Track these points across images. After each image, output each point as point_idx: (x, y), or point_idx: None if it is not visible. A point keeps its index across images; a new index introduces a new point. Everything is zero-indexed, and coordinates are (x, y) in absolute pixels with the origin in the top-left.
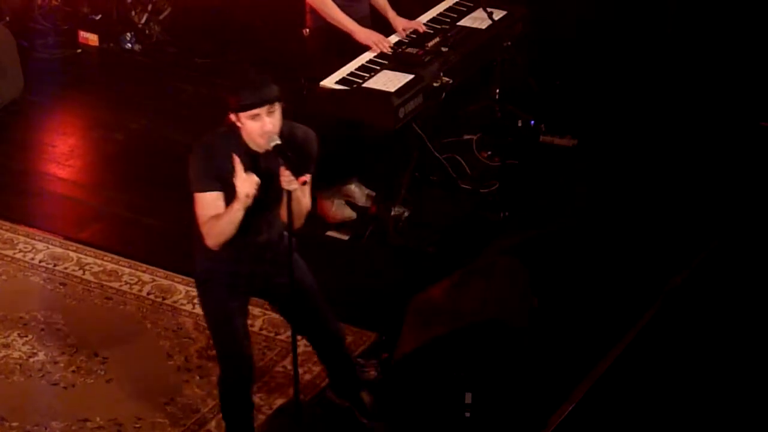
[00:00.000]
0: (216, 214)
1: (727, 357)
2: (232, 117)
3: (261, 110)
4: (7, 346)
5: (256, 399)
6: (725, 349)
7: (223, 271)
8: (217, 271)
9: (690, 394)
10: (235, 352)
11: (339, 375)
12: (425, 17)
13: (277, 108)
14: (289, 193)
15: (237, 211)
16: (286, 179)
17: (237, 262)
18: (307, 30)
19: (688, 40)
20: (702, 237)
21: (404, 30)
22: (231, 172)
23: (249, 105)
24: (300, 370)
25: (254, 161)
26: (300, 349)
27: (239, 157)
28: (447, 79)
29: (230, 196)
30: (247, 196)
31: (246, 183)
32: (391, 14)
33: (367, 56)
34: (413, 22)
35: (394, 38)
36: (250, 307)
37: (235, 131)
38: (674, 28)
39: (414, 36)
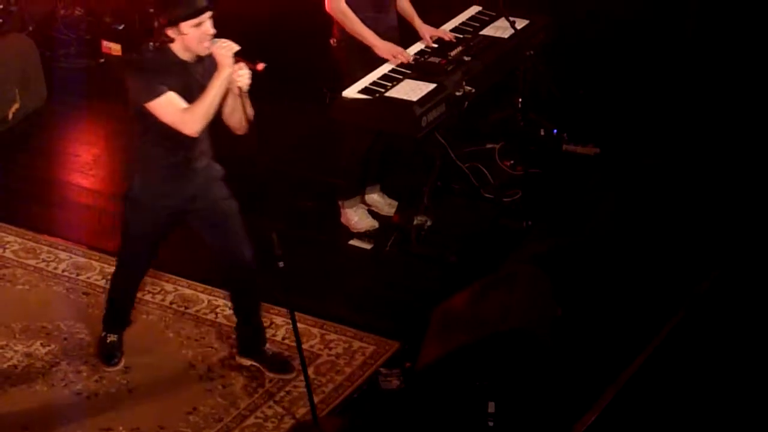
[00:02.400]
0: (193, 103)
1: (753, 366)
2: (171, 33)
3: (204, 16)
4: (29, 355)
5: (279, 409)
6: (750, 357)
7: (159, 191)
8: (154, 190)
9: (715, 403)
10: (141, 262)
11: (247, 322)
12: (448, 26)
13: (210, 14)
14: (239, 95)
15: (223, 80)
16: (245, 76)
17: (174, 181)
18: (335, 40)
19: (710, 48)
20: (726, 245)
21: (431, 38)
22: (169, 83)
23: (194, 12)
24: (323, 379)
25: (188, 73)
26: (322, 359)
27: (170, 70)
28: (470, 88)
29: None
30: (231, 60)
31: (226, 47)
32: (418, 22)
33: (389, 66)
34: (439, 30)
35: (416, 47)
36: (273, 317)
37: (163, 48)
38: (696, 35)
39: (436, 45)
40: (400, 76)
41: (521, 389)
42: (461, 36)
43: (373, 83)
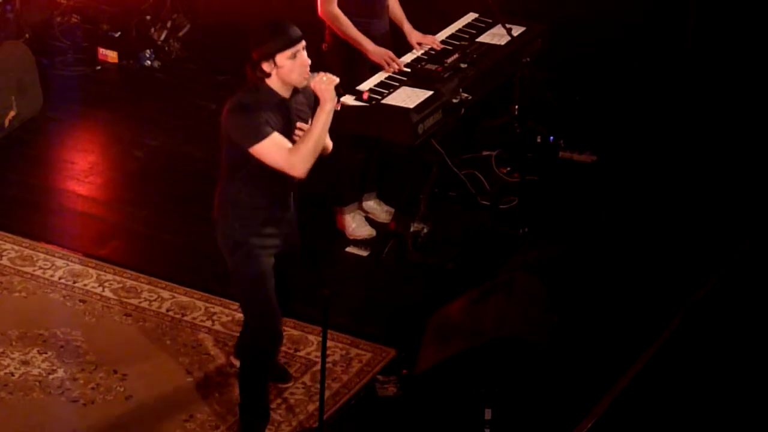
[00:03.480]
0: (296, 144)
1: (749, 373)
2: (266, 67)
3: (299, 46)
4: (26, 363)
5: (276, 416)
6: (746, 364)
7: (264, 232)
8: (256, 231)
9: (711, 409)
10: (272, 312)
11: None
12: (444, 33)
13: (305, 44)
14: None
15: (328, 115)
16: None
17: (274, 222)
18: (326, 45)
19: (708, 55)
20: (722, 252)
21: (419, 44)
22: (273, 122)
23: (290, 43)
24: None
25: (286, 109)
26: (319, 366)
27: (271, 108)
28: (466, 95)
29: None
30: (334, 95)
31: (327, 81)
32: (407, 27)
33: (385, 73)
34: (428, 37)
35: (410, 56)
36: None
37: (261, 85)
38: (694, 43)
39: (433, 52)
40: (397, 84)
41: (518, 396)
42: (458, 43)
43: (370, 90)
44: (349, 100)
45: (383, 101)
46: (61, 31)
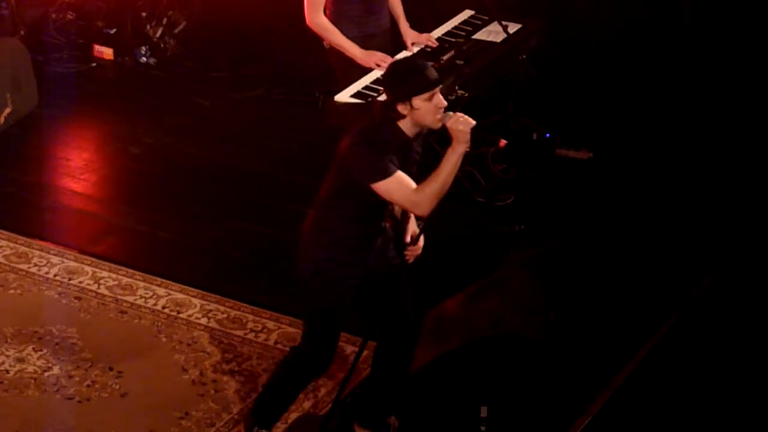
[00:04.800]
0: (423, 183)
1: (744, 370)
2: (401, 108)
3: (436, 89)
4: (21, 360)
5: None
6: (742, 362)
7: (347, 260)
8: (340, 260)
9: (707, 407)
10: (330, 346)
11: (380, 387)
12: (440, 31)
13: (441, 87)
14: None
15: (459, 157)
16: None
17: (365, 252)
18: (328, 44)
19: (704, 51)
20: (719, 249)
21: (413, 44)
22: (396, 161)
23: (428, 85)
24: (316, 383)
25: (407, 151)
26: None
27: (395, 146)
28: (462, 92)
29: None
30: (469, 137)
31: (464, 122)
32: (404, 26)
33: (381, 70)
34: (423, 35)
35: (405, 53)
36: (265, 321)
37: (388, 123)
38: (690, 39)
39: (428, 49)
40: None
41: (513, 393)
42: (453, 40)
43: (366, 87)
44: (344, 97)
45: (379, 98)
46: (56, 27)
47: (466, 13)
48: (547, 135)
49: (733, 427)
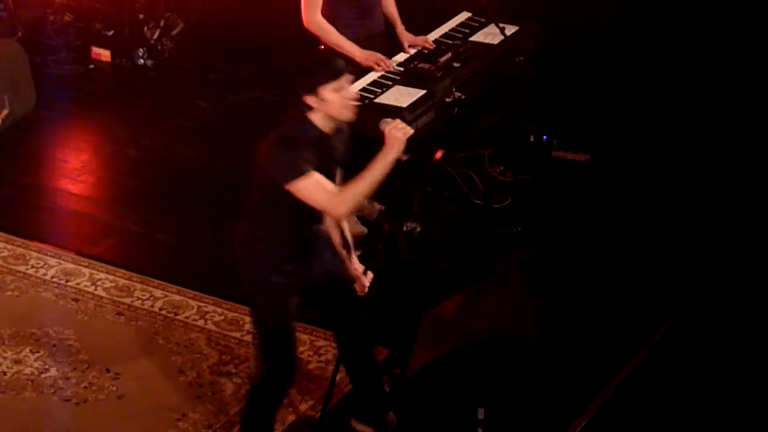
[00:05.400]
0: (347, 185)
1: (741, 372)
2: (310, 101)
3: (344, 79)
4: (18, 362)
5: None
6: (739, 364)
7: (290, 269)
8: (281, 269)
9: (704, 410)
10: (287, 355)
11: (364, 388)
12: (437, 33)
13: (352, 78)
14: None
15: (389, 163)
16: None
17: (304, 257)
18: (323, 46)
19: (701, 54)
20: (716, 252)
21: (410, 47)
22: (312, 159)
23: (335, 75)
24: (313, 386)
25: (326, 147)
26: (312, 365)
27: (314, 145)
28: (459, 94)
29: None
30: (402, 144)
31: (400, 130)
32: (400, 28)
33: (378, 72)
34: (420, 38)
35: (403, 55)
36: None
37: (305, 121)
38: (686, 41)
39: (426, 51)
40: (390, 83)
41: (511, 396)
42: (451, 42)
43: (363, 89)
44: None
45: (376, 100)
46: (54, 29)
47: (464, 15)
48: (544, 137)
49: (731, 429)
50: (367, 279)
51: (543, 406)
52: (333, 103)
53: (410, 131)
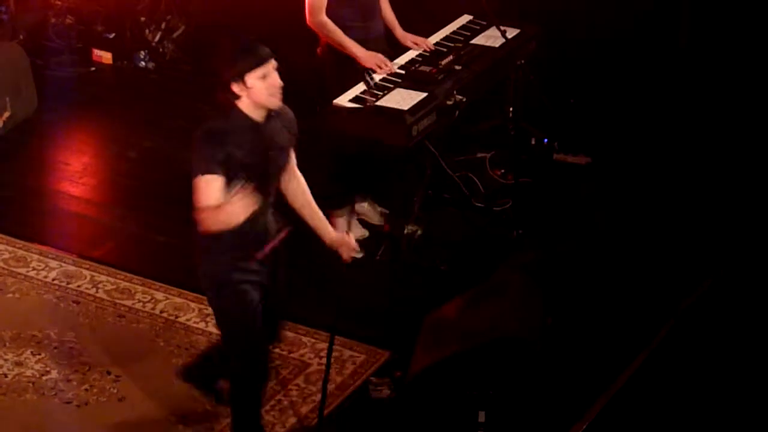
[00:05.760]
0: (216, 203)
1: (742, 375)
2: (236, 88)
3: (269, 66)
4: (20, 364)
5: (270, 418)
6: (740, 366)
7: (245, 267)
8: (240, 267)
9: (704, 412)
10: (259, 349)
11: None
12: (439, 36)
13: (276, 64)
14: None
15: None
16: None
17: (259, 246)
18: (320, 49)
19: (702, 57)
20: (717, 254)
21: (414, 43)
22: (243, 154)
23: (258, 62)
24: (313, 388)
25: (258, 133)
26: (313, 368)
27: (244, 133)
28: (460, 97)
29: (236, 179)
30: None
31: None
32: (399, 31)
33: (379, 75)
34: (420, 38)
35: (405, 57)
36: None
37: (233, 109)
38: (688, 44)
39: (427, 54)
40: (391, 85)
41: (512, 398)
42: (452, 45)
43: (364, 92)
44: (343, 101)
45: (377, 103)
46: (55, 32)
47: (465, 18)
48: (546, 140)
49: (731, 428)
50: (351, 239)
51: (543, 409)
52: (258, 91)
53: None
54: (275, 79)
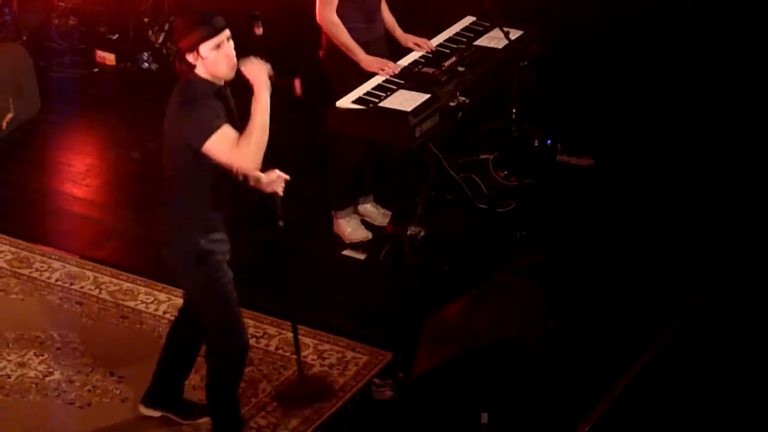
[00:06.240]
0: (240, 138)
1: (745, 377)
2: (191, 58)
3: (222, 36)
4: (23, 365)
5: (272, 419)
6: (742, 369)
7: (219, 238)
8: (216, 240)
9: (707, 415)
10: (240, 324)
11: (173, 376)
12: (442, 37)
13: (230, 34)
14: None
15: (263, 103)
16: (280, 184)
17: (226, 226)
18: (324, 51)
19: (705, 58)
20: (719, 256)
21: (415, 44)
22: (221, 112)
23: (213, 32)
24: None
25: (224, 98)
26: (316, 369)
27: (212, 97)
28: (463, 98)
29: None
30: (267, 80)
31: (258, 67)
32: (399, 33)
33: (382, 76)
34: (421, 39)
35: (408, 59)
36: (266, 326)
37: (193, 77)
38: (690, 45)
39: (430, 55)
40: (394, 87)
41: (514, 400)
42: (455, 46)
43: (367, 93)
44: (345, 103)
45: (380, 104)
46: (58, 33)
47: (468, 20)
48: (549, 142)
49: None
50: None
51: (546, 411)
52: (212, 61)
53: (266, 65)
54: (229, 49)
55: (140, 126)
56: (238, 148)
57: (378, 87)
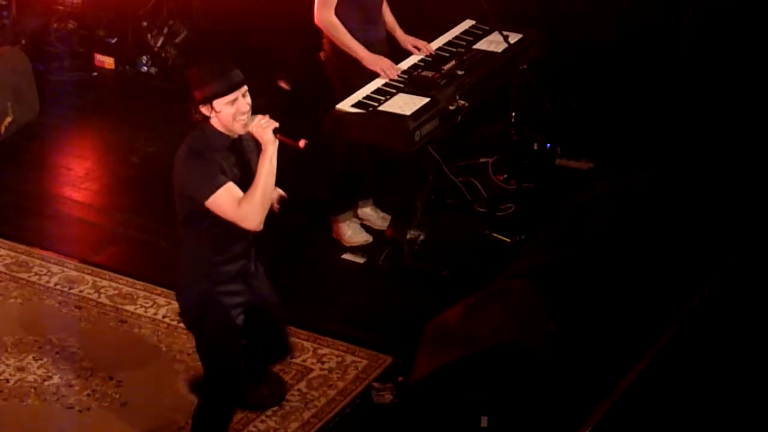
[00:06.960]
0: (245, 195)
1: (745, 380)
2: (204, 110)
3: (238, 93)
4: (22, 369)
5: (272, 423)
6: (743, 371)
7: (230, 289)
8: (225, 287)
9: (707, 417)
10: (237, 377)
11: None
12: (441, 41)
13: (246, 89)
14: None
15: (271, 160)
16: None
17: (240, 275)
18: (324, 54)
19: (704, 61)
20: (720, 260)
21: (414, 47)
22: (228, 167)
23: (227, 90)
24: (316, 393)
25: (238, 150)
26: (315, 373)
27: (223, 150)
28: (463, 102)
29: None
30: (270, 136)
31: (263, 126)
32: (399, 33)
33: (382, 80)
34: (421, 42)
35: (407, 62)
36: None
37: (207, 127)
38: (690, 49)
39: (429, 59)
40: (394, 90)
41: (514, 404)
42: (454, 50)
43: (367, 97)
44: (345, 106)
45: (380, 108)
46: (57, 37)
47: (467, 23)
48: (548, 145)
49: None
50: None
51: (546, 414)
52: (225, 116)
53: (274, 123)
54: (243, 105)
55: (139, 130)
56: (240, 207)
57: (377, 91)
